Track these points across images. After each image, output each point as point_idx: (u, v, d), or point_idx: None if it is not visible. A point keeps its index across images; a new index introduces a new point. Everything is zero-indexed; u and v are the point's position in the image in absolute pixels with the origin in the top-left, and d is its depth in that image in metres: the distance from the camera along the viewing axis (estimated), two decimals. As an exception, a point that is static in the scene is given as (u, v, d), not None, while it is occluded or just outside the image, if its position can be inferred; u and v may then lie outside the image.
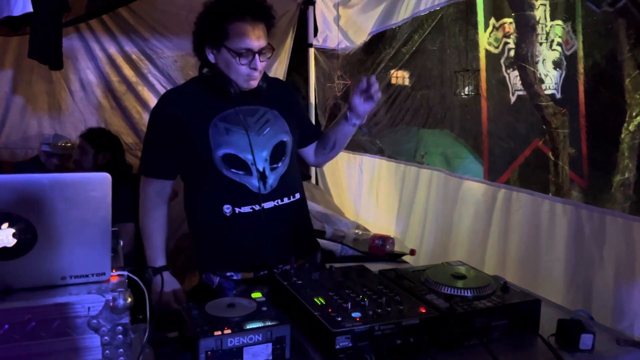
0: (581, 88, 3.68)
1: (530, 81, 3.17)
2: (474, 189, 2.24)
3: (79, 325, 1.00)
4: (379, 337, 1.28)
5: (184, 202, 1.97)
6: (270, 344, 1.31)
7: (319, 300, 1.41)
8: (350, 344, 1.25)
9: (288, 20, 3.93)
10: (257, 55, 1.74)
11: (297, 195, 1.92)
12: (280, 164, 1.85)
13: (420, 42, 2.72)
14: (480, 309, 1.38)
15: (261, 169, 1.80)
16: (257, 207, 1.81)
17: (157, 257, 1.85)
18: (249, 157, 1.79)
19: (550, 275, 1.80)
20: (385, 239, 2.72)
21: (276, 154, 1.84)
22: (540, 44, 3.22)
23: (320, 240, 2.18)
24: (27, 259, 1.01)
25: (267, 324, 1.32)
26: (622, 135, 3.19)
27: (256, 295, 1.50)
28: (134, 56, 3.99)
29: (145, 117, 4.22)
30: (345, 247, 2.72)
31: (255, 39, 1.73)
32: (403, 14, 2.75)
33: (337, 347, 1.24)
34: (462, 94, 2.54)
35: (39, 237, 1.00)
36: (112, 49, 3.95)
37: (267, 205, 1.82)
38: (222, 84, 1.79)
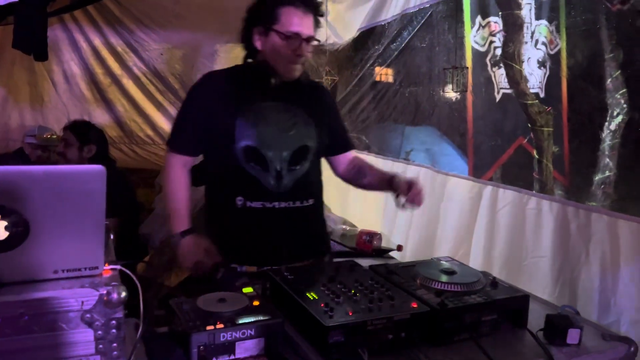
0: (564, 87, 3.74)
1: (517, 79, 3.21)
2: (461, 185, 2.25)
3: (72, 319, 0.98)
4: (371, 331, 1.29)
5: (205, 189, 1.98)
6: (262, 339, 1.30)
7: (311, 295, 1.41)
8: (343, 339, 1.26)
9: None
10: (303, 42, 1.76)
11: (311, 201, 1.91)
12: (298, 167, 1.85)
13: (409, 39, 2.73)
14: (471, 305, 1.39)
15: (278, 168, 1.81)
16: (268, 204, 1.82)
17: (182, 222, 1.86)
18: (269, 154, 1.79)
19: (536, 271, 1.82)
20: (372, 234, 2.73)
21: (297, 157, 1.84)
22: (525, 42, 3.26)
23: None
24: (19, 253, 0.99)
25: (259, 318, 1.32)
26: (603, 135, 3.25)
27: (247, 290, 1.50)
28: (119, 48, 3.96)
29: (131, 110, 4.20)
30: (333, 243, 2.73)
31: (304, 26, 1.75)
32: (393, 11, 2.76)
33: (330, 341, 1.24)
34: (452, 90, 2.55)
35: (32, 230, 0.98)
36: (97, 41, 3.92)
37: (279, 205, 1.83)
38: (263, 73, 1.80)
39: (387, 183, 1.92)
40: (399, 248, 2.67)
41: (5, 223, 0.95)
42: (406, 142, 3.33)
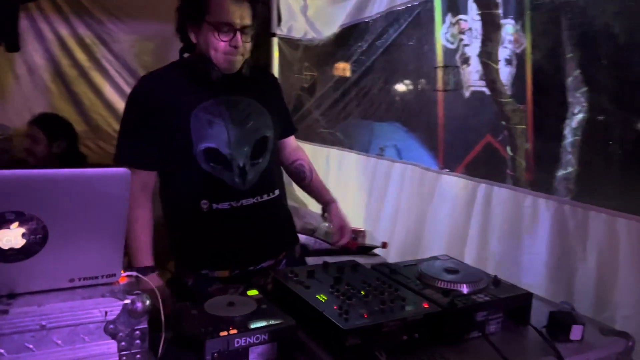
0: (529, 86, 3.84)
1: (493, 78, 3.26)
2: (452, 183, 2.27)
3: (95, 330, 0.93)
4: (385, 333, 1.28)
5: (160, 192, 1.88)
6: (276, 343, 1.28)
7: (322, 298, 1.39)
8: (359, 341, 1.24)
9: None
10: (238, 33, 1.67)
11: (277, 192, 1.87)
12: (261, 160, 1.79)
13: (395, 36, 2.72)
14: (479, 304, 1.41)
15: (241, 165, 1.74)
16: (235, 204, 1.75)
17: (144, 257, 1.71)
18: (230, 152, 1.72)
19: (531, 268, 1.86)
20: (357, 232, 2.73)
21: (258, 150, 1.78)
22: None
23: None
24: (35, 261, 0.93)
25: (271, 322, 1.29)
26: (565, 132, 3.37)
27: (252, 292, 1.46)
28: (87, 40, 3.77)
29: (98, 104, 4.02)
30: (319, 241, 2.71)
31: (238, 15, 1.66)
32: (377, 8, 2.75)
33: (347, 344, 1.23)
34: (447, 89, 2.57)
35: (50, 237, 0.92)
36: (64, 31, 3.72)
37: (246, 202, 1.77)
38: (203, 68, 1.72)
39: (321, 202, 2.07)
40: (384, 245, 2.68)
41: (23, 230, 0.89)
42: (374, 138, 3.35)
